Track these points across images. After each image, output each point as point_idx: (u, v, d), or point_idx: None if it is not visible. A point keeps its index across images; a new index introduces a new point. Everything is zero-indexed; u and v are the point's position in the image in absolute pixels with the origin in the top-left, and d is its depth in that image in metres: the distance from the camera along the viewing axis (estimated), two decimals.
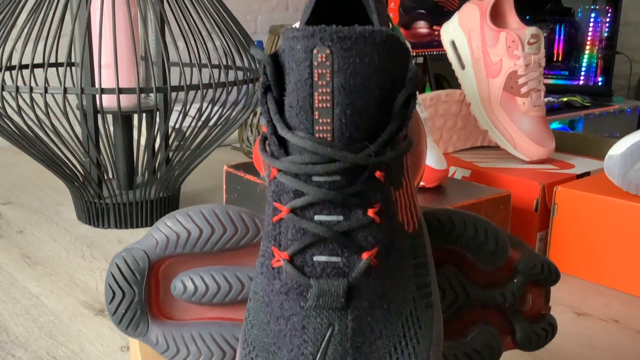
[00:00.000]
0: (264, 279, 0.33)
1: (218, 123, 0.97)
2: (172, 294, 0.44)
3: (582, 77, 2.57)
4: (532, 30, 1.00)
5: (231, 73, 1.02)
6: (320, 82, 0.30)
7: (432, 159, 0.86)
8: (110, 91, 0.87)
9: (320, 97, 0.30)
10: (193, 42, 0.99)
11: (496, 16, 1.07)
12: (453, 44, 1.09)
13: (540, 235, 0.94)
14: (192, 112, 1.13)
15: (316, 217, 0.32)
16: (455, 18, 1.09)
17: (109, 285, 0.43)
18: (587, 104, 2.28)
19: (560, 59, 2.62)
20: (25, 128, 0.95)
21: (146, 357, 0.44)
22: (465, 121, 1.09)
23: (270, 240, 0.33)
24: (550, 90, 2.46)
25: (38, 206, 1.20)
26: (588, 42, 2.56)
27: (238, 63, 1.10)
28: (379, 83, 0.31)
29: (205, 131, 0.98)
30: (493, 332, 0.43)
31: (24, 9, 0.99)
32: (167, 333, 0.43)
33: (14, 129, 0.97)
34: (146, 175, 0.99)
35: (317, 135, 0.31)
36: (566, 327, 0.76)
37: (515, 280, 0.43)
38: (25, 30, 0.94)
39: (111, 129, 1.09)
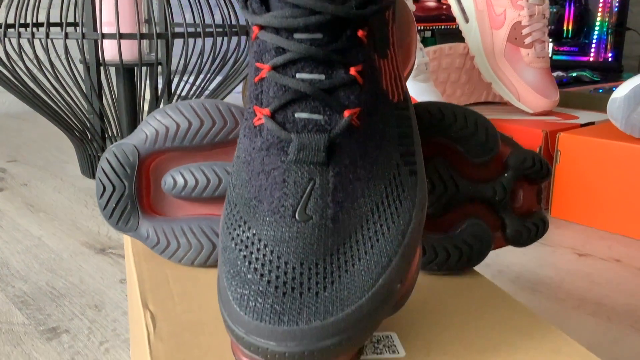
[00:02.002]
0: (246, 140, 0.33)
1: (217, 70, 0.98)
2: (162, 190, 0.44)
3: (592, 53, 2.54)
4: None
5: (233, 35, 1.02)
6: None
7: None
8: (111, 36, 0.87)
9: None
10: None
11: None
12: None
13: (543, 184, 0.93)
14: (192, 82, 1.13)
15: (298, 75, 0.31)
16: None
17: (100, 180, 0.43)
18: (596, 79, 2.26)
19: (570, 35, 2.60)
20: (29, 76, 0.95)
21: (141, 276, 0.45)
22: (469, 75, 1.09)
23: (252, 101, 0.33)
24: (559, 66, 2.44)
25: (43, 163, 1.20)
26: (598, 18, 2.54)
27: (242, 21, 1.10)
28: None
29: (207, 79, 0.98)
30: (483, 225, 0.42)
31: None
32: (157, 227, 0.43)
33: (20, 80, 0.98)
34: None
35: None
36: (567, 265, 0.76)
37: (505, 175, 0.43)
38: None
39: (115, 84, 1.09)
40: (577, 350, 0.33)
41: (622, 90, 0.83)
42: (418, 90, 0.87)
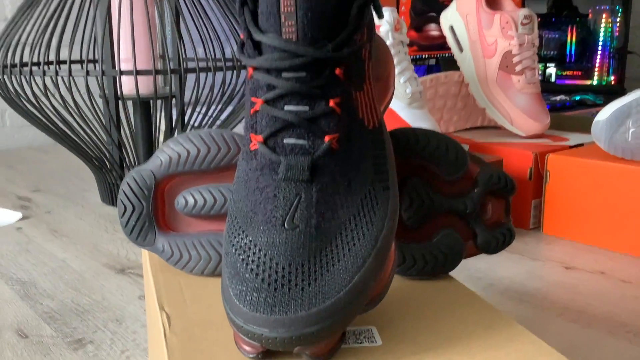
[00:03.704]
0: (243, 162, 0.40)
1: (231, 98, 1.04)
2: (176, 209, 0.50)
3: (595, 77, 2.60)
4: (525, 11, 1.06)
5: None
6: None
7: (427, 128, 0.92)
8: (128, 73, 0.94)
9: (285, 3, 0.36)
10: (206, 32, 1.06)
11: (492, 0, 1.13)
12: (452, 28, 1.15)
13: (534, 203, 0.98)
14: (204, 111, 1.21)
15: (286, 107, 0.38)
16: (453, 4, 1.15)
17: (121, 201, 0.49)
18: (599, 102, 2.31)
19: (573, 60, 2.66)
20: (52, 111, 1.02)
21: (158, 284, 0.51)
22: (465, 101, 1.15)
23: (249, 129, 0.39)
24: (563, 90, 2.50)
25: (65, 192, 1.28)
26: (600, 43, 2.60)
27: None
28: None
29: (219, 108, 1.05)
30: (456, 235, 0.48)
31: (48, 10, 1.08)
32: (171, 242, 0.49)
33: (46, 116, 1.05)
34: None
35: (284, 36, 0.37)
36: (553, 277, 0.81)
37: (475, 191, 0.49)
38: (49, 29, 1.02)
39: (132, 116, 1.16)
40: (529, 338, 0.39)
41: (604, 113, 0.89)
42: (413, 116, 0.93)
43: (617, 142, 0.89)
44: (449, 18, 1.15)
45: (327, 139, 0.38)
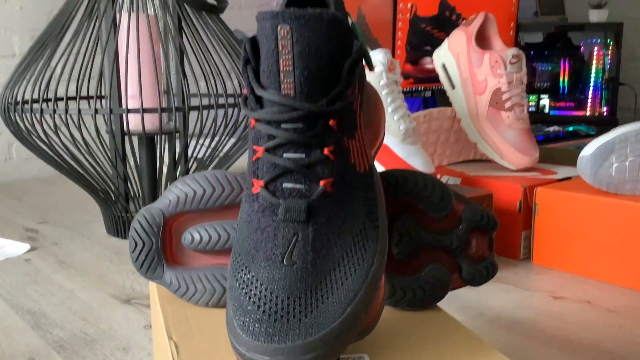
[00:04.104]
0: (246, 204, 0.44)
1: (230, 133, 1.09)
2: (183, 244, 0.54)
3: (588, 108, 2.66)
4: (513, 51, 1.11)
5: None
6: (283, 51, 0.41)
7: (420, 163, 0.96)
8: (135, 111, 0.99)
9: (284, 63, 0.41)
10: (208, 69, 1.11)
11: (482, 40, 1.18)
12: (444, 66, 1.20)
13: (524, 234, 1.02)
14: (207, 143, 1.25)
15: (285, 155, 0.42)
16: (445, 43, 1.20)
17: (132, 237, 0.53)
18: (592, 133, 2.36)
19: (566, 91, 2.72)
20: (61, 146, 1.07)
21: (166, 315, 0.54)
22: (458, 136, 1.19)
23: (251, 174, 0.43)
24: (557, 121, 2.55)
25: (71, 224, 1.31)
26: (592, 74, 2.66)
27: None
28: (328, 51, 0.41)
29: (221, 141, 1.10)
30: (442, 269, 0.52)
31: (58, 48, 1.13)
32: (178, 275, 0.53)
33: (55, 152, 1.10)
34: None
35: (283, 92, 0.41)
36: (542, 307, 0.84)
37: (460, 227, 0.53)
38: (59, 67, 1.07)
39: (137, 151, 1.21)
40: None
41: (589, 149, 0.93)
42: (407, 152, 0.97)
43: (601, 177, 0.93)
44: (441, 56, 1.20)
45: (322, 183, 0.42)
